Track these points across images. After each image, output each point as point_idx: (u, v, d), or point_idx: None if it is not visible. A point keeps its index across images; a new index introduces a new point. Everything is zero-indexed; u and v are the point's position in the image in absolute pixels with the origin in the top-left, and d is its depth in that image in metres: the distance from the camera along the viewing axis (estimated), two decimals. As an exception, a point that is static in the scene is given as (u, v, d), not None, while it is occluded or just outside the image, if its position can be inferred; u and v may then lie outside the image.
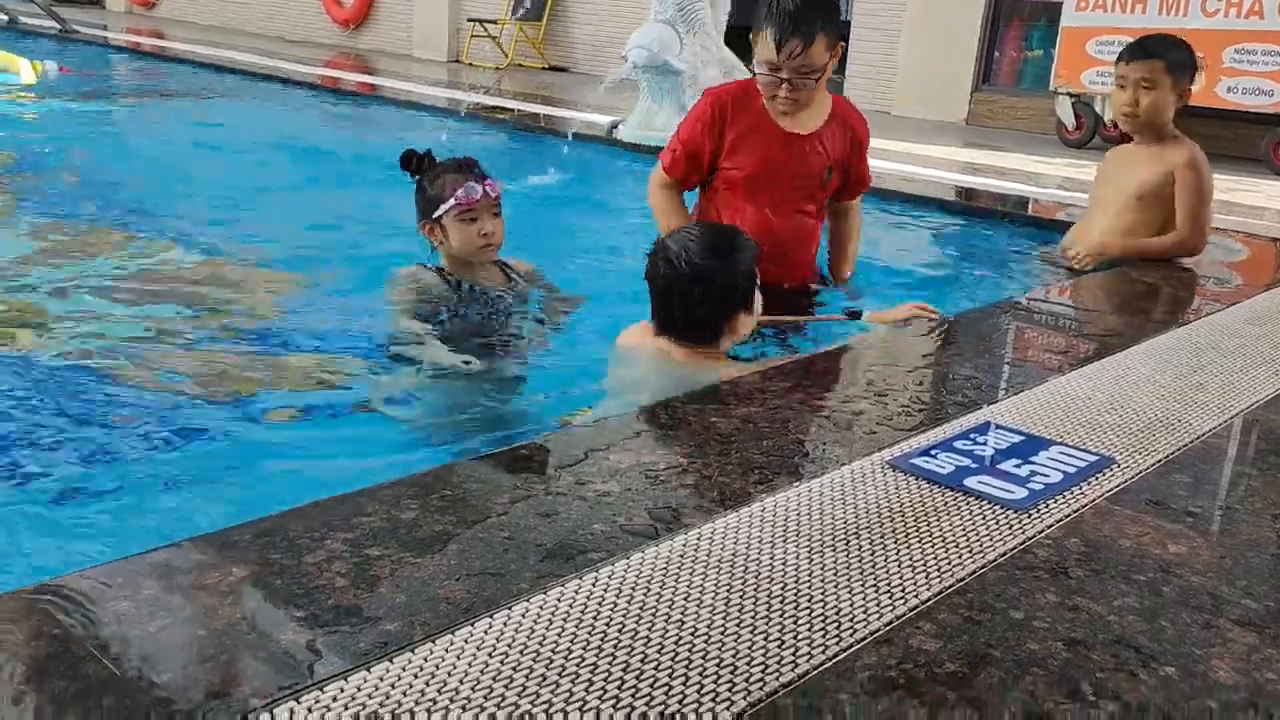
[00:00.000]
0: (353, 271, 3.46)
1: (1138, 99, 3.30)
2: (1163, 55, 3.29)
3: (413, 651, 1.14)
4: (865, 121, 3.07)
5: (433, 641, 1.16)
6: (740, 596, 1.30)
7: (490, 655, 1.15)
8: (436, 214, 2.69)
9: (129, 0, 16.42)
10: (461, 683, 1.10)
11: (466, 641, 1.17)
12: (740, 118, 2.88)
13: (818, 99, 2.88)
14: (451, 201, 2.67)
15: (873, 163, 3.21)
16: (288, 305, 3.11)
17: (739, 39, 6.50)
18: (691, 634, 1.22)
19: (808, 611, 1.28)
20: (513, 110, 7.67)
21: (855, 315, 2.82)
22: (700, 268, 2.23)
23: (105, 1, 17.01)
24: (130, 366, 2.51)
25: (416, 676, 1.10)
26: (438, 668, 1.12)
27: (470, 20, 11.80)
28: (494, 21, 11.62)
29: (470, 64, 11.93)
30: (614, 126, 6.25)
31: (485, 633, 1.19)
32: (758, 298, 2.32)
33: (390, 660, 1.13)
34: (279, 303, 3.13)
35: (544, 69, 11.71)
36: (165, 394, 2.34)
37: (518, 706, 1.07)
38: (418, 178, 2.76)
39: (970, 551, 1.45)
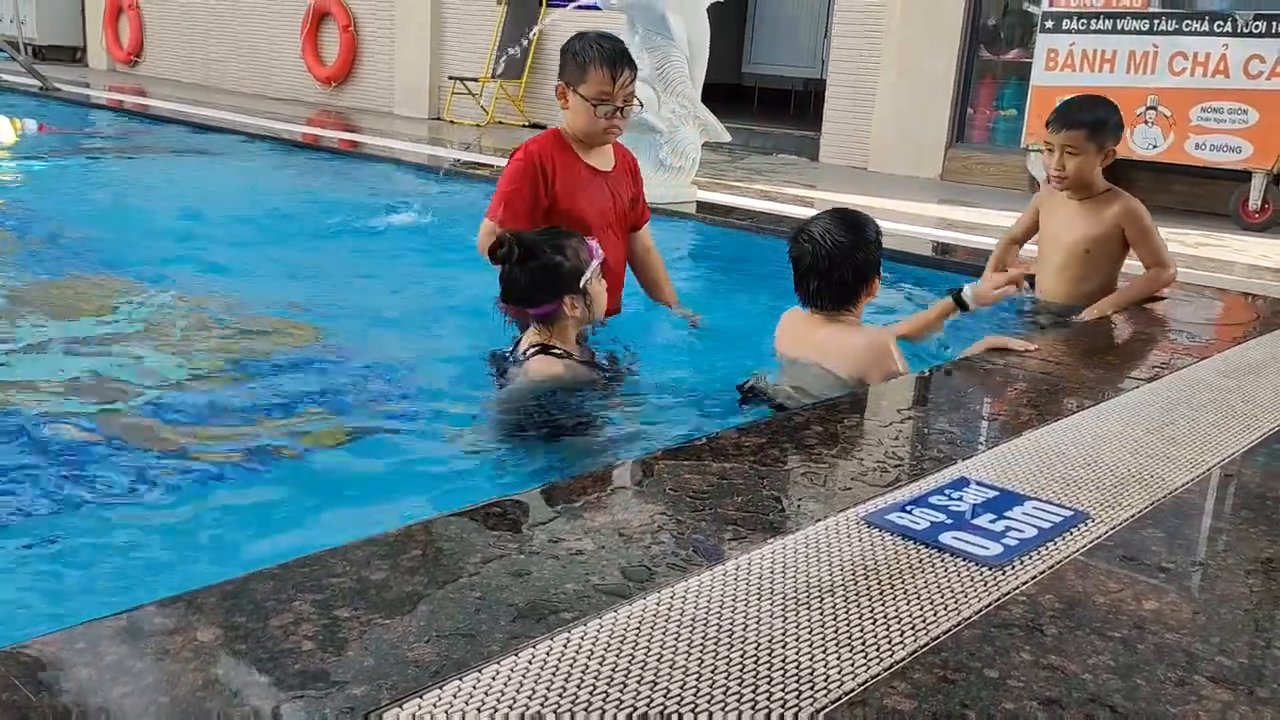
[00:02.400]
0: (331, 327, 3.45)
1: (1064, 164, 3.51)
2: (1083, 123, 3.50)
3: (380, 717, 1.12)
4: (636, 158, 3.43)
5: (400, 706, 1.14)
6: (713, 657, 1.29)
7: (461, 718, 1.13)
8: (583, 281, 2.64)
9: (112, 58, 16.51)
10: (429, 748, 1.08)
11: (435, 705, 1.15)
12: (559, 164, 3.10)
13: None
14: (595, 263, 2.68)
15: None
16: (265, 360, 3.10)
17: (713, 97, 6.58)
18: (664, 695, 1.20)
19: (781, 672, 1.27)
20: (492, 166, 7.73)
21: (959, 299, 2.99)
22: (840, 243, 2.62)
23: (88, 59, 17.11)
24: (94, 426, 2.49)
25: (383, 742, 1.08)
26: (405, 733, 1.10)
27: (451, 78, 11.91)
28: (475, 79, 11.74)
29: (451, 121, 12.02)
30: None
31: (454, 696, 1.17)
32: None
33: (356, 726, 1.11)
34: (256, 358, 3.11)
35: (525, 126, 11.81)
36: (132, 453, 2.31)
37: (486, 773, 1.05)
38: (540, 261, 2.60)
39: (945, 609, 1.45)
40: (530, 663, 1.25)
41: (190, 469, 2.26)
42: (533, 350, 2.65)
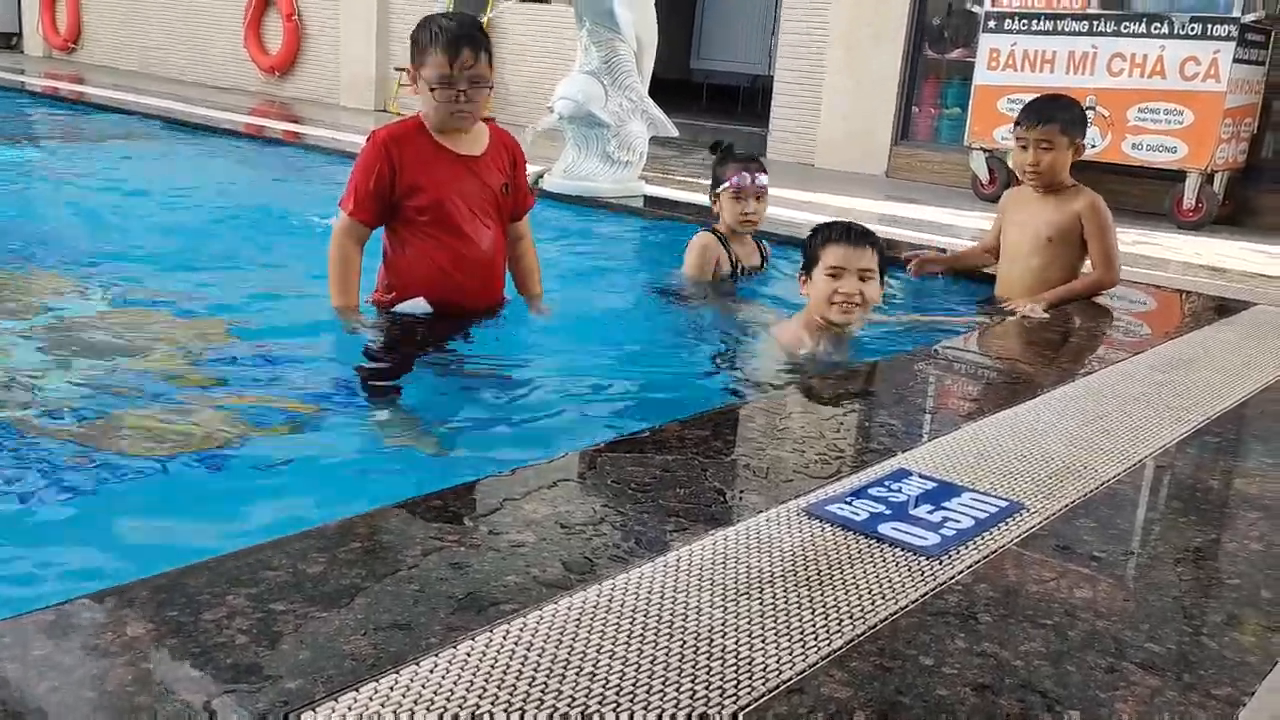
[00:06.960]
0: (271, 318, 3.40)
1: (1039, 159, 3.63)
2: (1056, 118, 3.64)
3: (314, 710, 1.11)
4: (519, 144, 3.31)
5: (335, 699, 1.13)
6: (653, 647, 1.29)
7: (395, 712, 1.12)
8: (717, 190, 3.81)
9: (48, 44, 16.12)
10: (364, 741, 1.07)
11: (371, 699, 1.14)
12: (413, 152, 3.04)
13: (476, 128, 3.13)
14: (726, 184, 3.77)
15: (797, 214, 3.35)
16: (203, 352, 3.04)
17: (661, 92, 6.58)
18: (603, 686, 1.20)
19: (720, 661, 1.27)
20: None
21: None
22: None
23: (23, 46, 16.69)
24: (26, 415, 2.43)
25: (317, 736, 1.07)
26: (340, 726, 1.09)
27: (398, 69, 11.80)
28: (422, 71, 11.66)
29: (397, 113, 11.91)
30: (540, 176, 6.28)
31: (390, 689, 1.16)
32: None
33: (290, 720, 1.09)
34: (194, 349, 3.06)
35: (472, 119, 11.75)
36: (63, 442, 2.26)
37: (422, 765, 1.04)
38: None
39: (883, 598, 1.46)
40: (469, 655, 1.24)
41: (120, 462, 2.21)
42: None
